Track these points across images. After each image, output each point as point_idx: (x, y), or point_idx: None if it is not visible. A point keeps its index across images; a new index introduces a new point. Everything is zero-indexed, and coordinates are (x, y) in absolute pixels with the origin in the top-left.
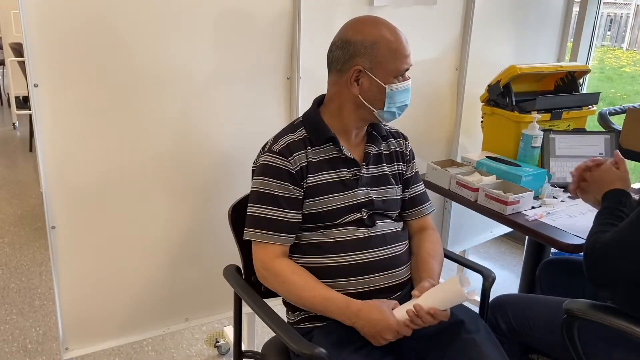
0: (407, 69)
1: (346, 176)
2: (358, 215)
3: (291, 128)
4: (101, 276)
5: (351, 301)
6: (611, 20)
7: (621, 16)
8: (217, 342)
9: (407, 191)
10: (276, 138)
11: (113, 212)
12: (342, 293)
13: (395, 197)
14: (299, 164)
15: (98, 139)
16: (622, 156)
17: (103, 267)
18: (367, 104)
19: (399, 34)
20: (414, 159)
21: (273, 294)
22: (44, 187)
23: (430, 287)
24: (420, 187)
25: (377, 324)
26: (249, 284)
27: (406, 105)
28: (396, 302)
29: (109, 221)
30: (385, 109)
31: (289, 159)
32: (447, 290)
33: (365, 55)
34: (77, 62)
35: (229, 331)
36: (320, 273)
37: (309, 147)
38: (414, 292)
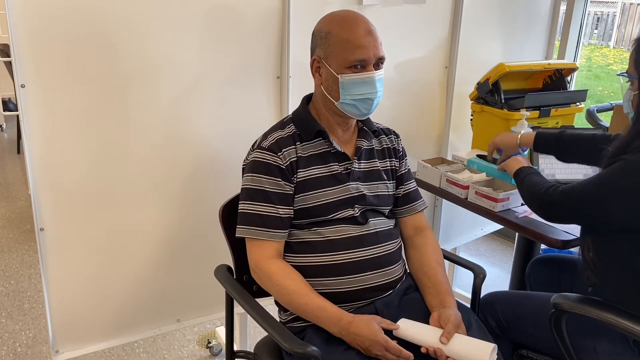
0: (364, 60)
1: (337, 170)
2: (350, 212)
3: (280, 125)
4: (91, 278)
5: (344, 313)
6: (598, 18)
7: (608, 14)
8: (209, 342)
9: (401, 188)
10: (265, 135)
11: (102, 212)
12: (335, 292)
13: (387, 193)
14: (289, 159)
15: (86, 140)
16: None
17: (93, 268)
18: (327, 94)
19: (357, 25)
20: (405, 156)
21: (265, 294)
22: (32, 189)
23: (454, 332)
24: (413, 184)
25: (365, 340)
26: (240, 284)
27: (369, 99)
28: (388, 321)
29: (98, 222)
30: (341, 101)
31: (279, 154)
32: (474, 353)
33: (321, 46)
34: (65, 62)
35: (221, 332)
36: (312, 272)
37: (298, 143)
38: (442, 339)
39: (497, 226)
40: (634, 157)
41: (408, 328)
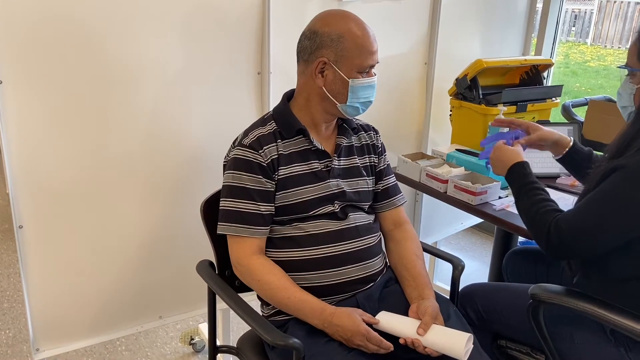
0: (373, 66)
1: (318, 167)
2: (331, 208)
3: (261, 122)
4: (72, 275)
5: (326, 305)
6: (575, 16)
7: (585, 12)
8: (192, 339)
9: (380, 183)
10: (246, 132)
11: (83, 209)
12: (317, 285)
13: (367, 189)
14: (270, 157)
15: (67, 137)
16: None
17: (73, 265)
18: (330, 96)
19: (367, 30)
20: (385, 151)
21: (247, 289)
22: (10, 186)
23: (431, 323)
24: (392, 179)
25: (346, 330)
26: (222, 279)
27: (370, 101)
28: (369, 315)
29: (79, 219)
30: (348, 103)
31: (260, 151)
32: (449, 343)
33: (330, 48)
34: (44, 58)
35: (204, 328)
36: (294, 266)
37: (279, 140)
38: (419, 331)
39: (477, 220)
40: (632, 161)
41: (387, 320)
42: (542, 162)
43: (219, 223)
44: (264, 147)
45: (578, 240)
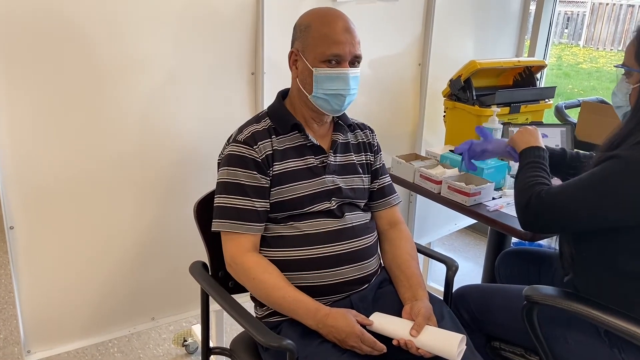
0: (340, 56)
1: (313, 163)
2: (327, 205)
3: (256, 119)
4: (63, 276)
5: (320, 306)
6: (568, 18)
7: (578, 14)
8: (185, 341)
9: (376, 182)
10: (241, 129)
11: (75, 210)
12: (312, 285)
13: (363, 187)
14: (265, 153)
15: (58, 136)
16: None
17: (65, 266)
18: (301, 87)
19: (337, 21)
20: (380, 150)
21: (241, 290)
22: (1, 187)
23: (424, 324)
24: (387, 179)
25: (341, 331)
26: (215, 280)
27: (342, 95)
28: (363, 316)
29: (71, 219)
30: (314, 94)
31: (254, 147)
32: (442, 344)
33: (300, 39)
34: (34, 57)
35: (197, 330)
36: (288, 266)
37: (274, 136)
38: (412, 332)
39: (471, 221)
40: (627, 153)
41: (380, 321)
42: None
43: (213, 220)
44: (259, 143)
45: (555, 213)
